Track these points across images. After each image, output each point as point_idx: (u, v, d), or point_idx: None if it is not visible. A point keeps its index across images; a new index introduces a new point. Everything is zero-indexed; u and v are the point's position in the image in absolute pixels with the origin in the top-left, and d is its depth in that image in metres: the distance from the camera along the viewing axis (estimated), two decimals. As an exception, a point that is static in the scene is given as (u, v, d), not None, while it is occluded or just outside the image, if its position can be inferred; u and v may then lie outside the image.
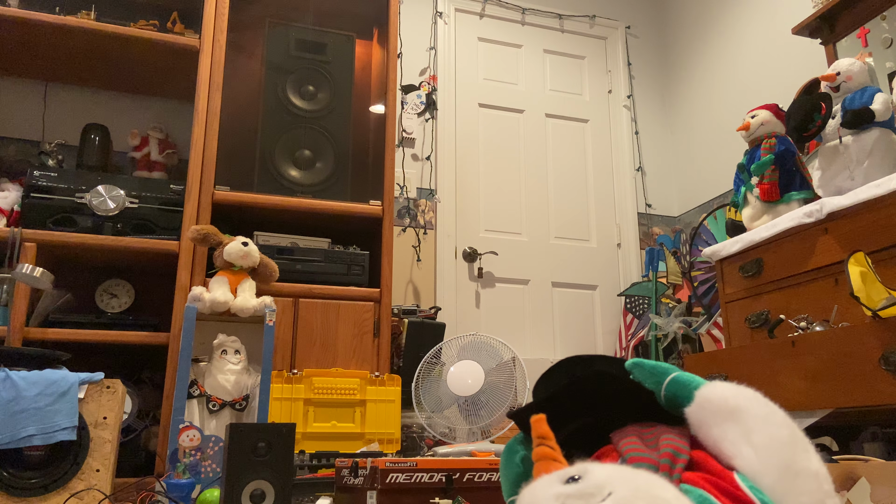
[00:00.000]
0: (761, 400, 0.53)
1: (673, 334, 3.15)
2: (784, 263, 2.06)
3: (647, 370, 0.59)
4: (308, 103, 2.57)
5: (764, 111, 2.34)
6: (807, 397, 1.61)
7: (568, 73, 3.95)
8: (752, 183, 2.27)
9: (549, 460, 0.49)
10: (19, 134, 2.70)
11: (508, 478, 0.65)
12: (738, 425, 0.51)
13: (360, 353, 2.48)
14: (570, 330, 3.56)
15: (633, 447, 0.53)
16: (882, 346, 1.46)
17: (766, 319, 2.08)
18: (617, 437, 0.57)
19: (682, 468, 0.50)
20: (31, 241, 2.16)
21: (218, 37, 2.48)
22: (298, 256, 2.48)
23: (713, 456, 0.52)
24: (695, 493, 0.47)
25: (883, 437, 1.78)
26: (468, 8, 3.79)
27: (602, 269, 3.73)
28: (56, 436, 1.58)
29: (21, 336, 2.10)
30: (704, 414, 0.54)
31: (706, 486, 0.48)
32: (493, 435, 2.45)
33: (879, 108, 1.93)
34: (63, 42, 2.47)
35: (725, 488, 0.48)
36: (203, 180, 2.38)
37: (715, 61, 3.68)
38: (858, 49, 2.49)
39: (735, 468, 0.50)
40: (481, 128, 3.67)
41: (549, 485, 0.44)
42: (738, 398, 0.53)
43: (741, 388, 0.54)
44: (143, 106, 2.88)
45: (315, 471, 1.98)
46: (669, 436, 0.54)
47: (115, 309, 2.53)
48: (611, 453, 0.56)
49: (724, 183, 3.48)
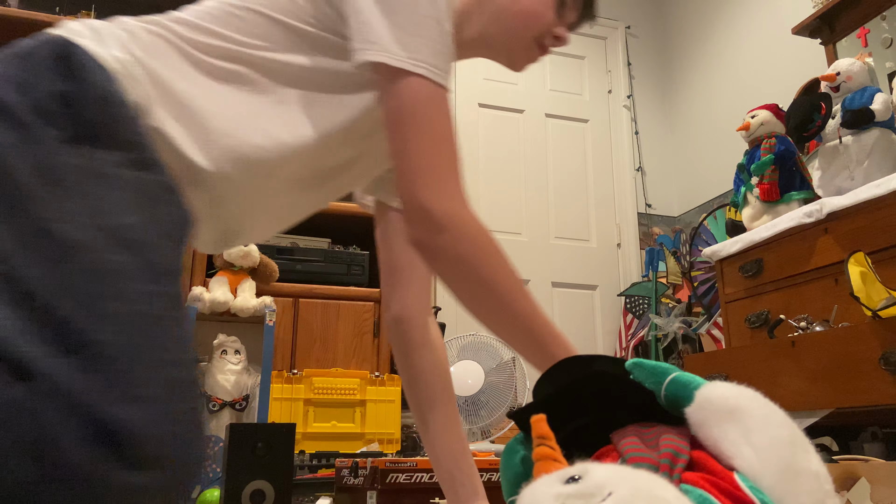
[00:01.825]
0: (761, 400, 0.53)
1: (673, 334, 3.15)
2: (784, 263, 2.06)
3: (647, 370, 0.59)
4: (308, 103, 2.57)
5: (764, 111, 2.34)
6: (807, 397, 1.61)
7: (568, 73, 3.94)
8: (752, 183, 2.27)
9: (550, 460, 0.49)
10: (19, 134, 2.71)
11: (508, 478, 0.65)
12: (739, 425, 0.51)
13: (360, 353, 2.49)
14: (570, 330, 3.56)
15: (634, 447, 0.53)
16: (882, 346, 1.46)
17: (766, 319, 2.08)
18: (617, 437, 0.57)
19: (682, 468, 0.50)
20: (30, 241, 2.16)
21: (218, 37, 2.48)
22: (298, 256, 2.48)
23: (713, 456, 0.52)
24: (695, 493, 0.47)
25: (883, 437, 1.78)
26: (468, 8, 3.79)
27: (602, 269, 3.73)
28: (56, 436, 1.57)
29: (21, 336, 2.11)
30: (704, 414, 0.54)
31: (706, 486, 0.48)
32: (493, 435, 2.45)
33: (879, 108, 1.93)
34: (63, 42, 2.47)
35: (725, 488, 0.48)
36: (203, 180, 2.38)
37: (715, 61, 3.68)
38: (858, 49, 2.49)
39: (735, 468, 0.50)
40: (481, 128, 3.67)
41: (549, 485, 0.44)
42: (738, 398, 0.53)
43: (741, 388, 0.54)
44: (143, 106, 2.88)
45: (315, 471, 1.98)
46: (669, 436, 0.54)
47: (114, 309, 2.53)
48: (611, 453, 0.56)
49: (724, 183, 3.48)
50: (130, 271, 0.62)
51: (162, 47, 0.80)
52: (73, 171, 0.65)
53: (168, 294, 0.65)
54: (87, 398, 0.54)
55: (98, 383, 0.55)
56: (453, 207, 0.77)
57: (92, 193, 0.65)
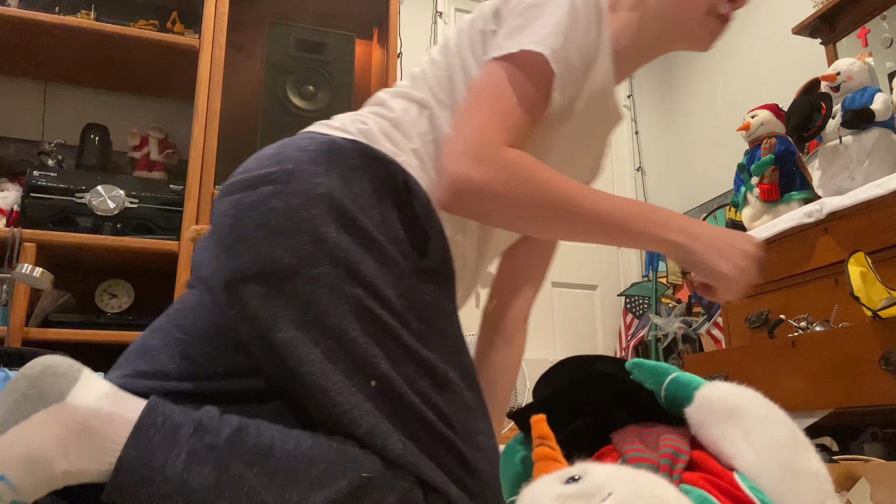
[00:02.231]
0: (761, 400, 0.53)
1: (673, 334, 3.15)
2: (784, 263, 2.06)
3: (647, 370, 0.59)
4: (308, 103, 2.57)
5: (764, 111, 2.34)
6: (807, 397, 1.61)
7: (568, 73, 3.94)
8: (752, 183, 2.27)
9: (550, 460, 0.49)
10: (19, 134, 2.70)
11: (508, 478, 0.65)
12: (738, 425, 0.51)
13: (360, 353, 2.48)
14: (570, 330, 3.56)
15: (634, 447, 0.53)
16: (882, 346, 1.46)
17: (766, 319, 2.08)
18: (617, 437, 0.57)
19: (682, 468, 0.50)
20: (30, 241, 2.16)
21: (218, 36, 2.48)
22: (298, 256, 2.48)
23: (713, 456, 0.52)
24: (695, 494, 0.47)
25: (883, 438, 1.78)
26: (468, 8, 3.79)
27: (602, 269, 3.73)
28: (56, 436, 1.57)
29: (21, 336, 2.10)
30: (704, 414, 0.54)
31: (706, 486, 0.48)
32: (493, 435, 2.45)
33: (879, 108, 1.93)
34: (63, 42, 2.46)
35: (725, 488, 0.48)
36: (203, 180, 2.37)
37: (715, 61, 3.68)
38: (858, 49, 2.49)
39: (735, 468, 0.50)
40: (481, 128, 3.67)
41: (549, 485, 0.44)
42: (738, 398, 0.53)
43: (741, 388, 0.54)
44: (143, 106, 2.88)
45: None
46: (669, 436, 0.54)
47: (114, 309, 2.53)
48: (611, 453, 0.56)
49: (724, 183, 3.48)
50: (480, 408, 0.73)
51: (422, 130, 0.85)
52: (428, 306, 0.74)
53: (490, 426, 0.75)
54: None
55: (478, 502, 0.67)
56: (491, 142, 0.75)
57: (444, 332, 0.74)
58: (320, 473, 0.63)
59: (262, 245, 0.70)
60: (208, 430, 0.64)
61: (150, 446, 0.62)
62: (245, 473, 0.62)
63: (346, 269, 0.69)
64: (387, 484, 0.64)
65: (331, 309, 0.68)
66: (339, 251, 0.69)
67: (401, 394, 0.67)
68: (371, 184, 0.74)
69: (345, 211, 0.71)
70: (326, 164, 0.74)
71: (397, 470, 0.65)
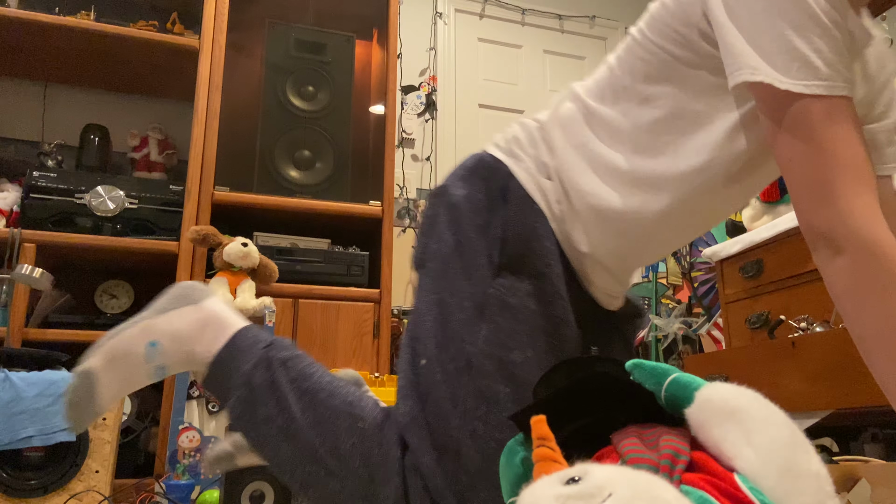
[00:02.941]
0: (762, 401, 0.53)
1: (673, 335, 3.15)
2: (784, 264, 2.06)
3: (647, 371, 0.59)
4: (308, 104, 2.57)
5: (764, 112, 2.34)
6: (807, 398, 1.61)
7: (568, 74, 3.94)
8: (752, 183, 2.27)
9: (549, 461, 0.49)
10: (19, 134, 2.70)
11: (508, 479, 0.65)
12: (739, 426, 0.51)
13: (360, 354, 2.48)
14: (570, 330, 3.55)
15: (634, 448, 0.53)
16: (882, 347, 1.45)
17: (766, 320, 2.08)
18: (617, 437, 0.57)
19: (682, 469, 0.50)
20: (30, 241, 2.16)
21: (217, 37, 2.48)
22: (298, 257, 2.48)
23: (714, 457, 0.52)
24: (695, 495, 0.47)
25: (883, 438, 1.78)
26: (468, 8, 3.79)
27: (602, 269, 3.73)
28: (55, 437, 1.58)
29: (20, 337, 2.10)
30: (705, 415, 0.54)
31: (706, 487, 0.48)
32: (492, 436, 2.45)
33: (879, 108, 1.93)
34: (63, 42, 2.47)
35: (726, 489, 0.48)
36: (202, 181, 2.38)
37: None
38: (858, 49, 2.49)
39: (735, 469, 0.50)
40: (481, 128, 3.67)
41: (549, 486, 0.44)
42: (738, 399, 0.53)
43: (742, 389, 0.54)
44: (143, 106, 2.88)
45: (315, 472, 1.97)
46: (669, 437, 0.54)
47: (114, 310, 2.53)
48: (611, 454, 0.56)
49: (724, 183, 3.48)
50: (504, 402, 0.79)
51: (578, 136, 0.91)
52: (489, 298, 0.83)
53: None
54: (432, 484, 0.78)
55: (444, 481, 0.77)
56: (854, 224, 0.67)
57: (496, 323, 0.82)
58: (340, 404, 0.85)
59: (419, 238, 0.95)
60: (275, 347, 0.89)
61: (236, 351, 0.88)
62: (283, 382, 0.86)
63: (441, 263, 0.88)
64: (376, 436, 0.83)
65: (424, 296, 0.89)
66: (444, 246, 0.88)
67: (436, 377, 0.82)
68: (484, 192, 0.89)
69: (458, 215, 0.89)
70: (462, 176, 0.94)
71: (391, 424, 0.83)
